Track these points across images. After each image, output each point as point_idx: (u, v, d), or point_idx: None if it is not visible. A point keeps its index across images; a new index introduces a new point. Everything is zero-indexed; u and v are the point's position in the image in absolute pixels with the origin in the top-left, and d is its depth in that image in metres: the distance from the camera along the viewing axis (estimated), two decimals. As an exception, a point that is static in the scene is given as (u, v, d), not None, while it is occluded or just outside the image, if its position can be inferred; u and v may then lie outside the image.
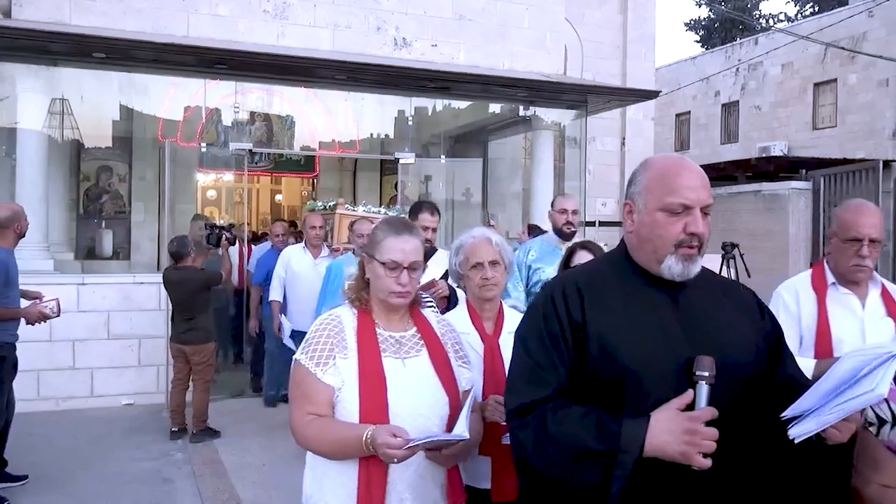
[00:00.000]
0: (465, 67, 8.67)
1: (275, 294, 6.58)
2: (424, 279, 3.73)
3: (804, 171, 10.20)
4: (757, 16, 31.41)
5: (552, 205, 4.78)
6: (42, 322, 4.86)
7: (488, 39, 9.16)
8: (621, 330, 1.65)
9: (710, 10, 31.23)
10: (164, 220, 10.06)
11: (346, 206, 6.89)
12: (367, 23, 8.64)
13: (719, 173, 13.50)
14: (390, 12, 8.73)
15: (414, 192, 10.46)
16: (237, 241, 7.96)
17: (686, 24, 33.79)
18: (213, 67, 7.68)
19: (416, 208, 4.43)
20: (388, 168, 11.78)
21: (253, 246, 8.84)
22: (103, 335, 6.95)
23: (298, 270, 6.39)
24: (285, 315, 6.44)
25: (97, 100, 7.73)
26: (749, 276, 7.36)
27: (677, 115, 23.11)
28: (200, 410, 5.99)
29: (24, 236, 5.00)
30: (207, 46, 7.45)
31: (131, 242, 10.63)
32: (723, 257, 7.28)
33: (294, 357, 2.07)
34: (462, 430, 1.92)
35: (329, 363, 2.01)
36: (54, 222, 8.62)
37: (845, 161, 11.02)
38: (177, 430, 6.00)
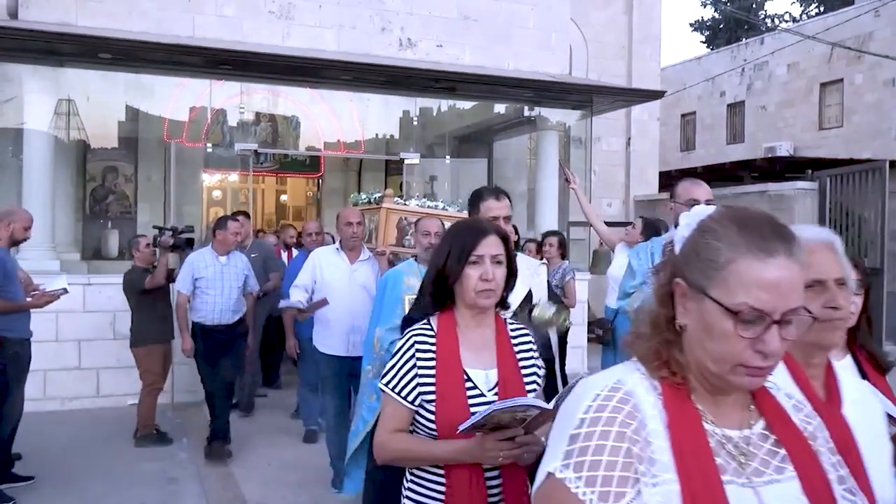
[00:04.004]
0: (471, 68, 8.67)
1: (296, 296, 5.03)
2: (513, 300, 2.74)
3: (810, 171, 10.16)
4: (762, 16, 31.32)
5: (675, 194, 3.43)
6: (53, 301, 4.90)
7: (493, 40, 9.15)
8: None
9: (716, 9, 31.16)
10: (169, 220, 10.07)
11: (395, 199, 5.63)
12: (373, 23, 8.64)
13: (725, 174, 13.48)
14: (395, 13, 8.73)
15: (419, 192, 10.47)
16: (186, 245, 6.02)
17: (691, 25, 33.74)
18: (218, 68, 7.70)
19: (476, 197, 3.17)
20: (393, 168, 11.78)
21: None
22: (109, 335, 6.97)
23: (330, 278, 4.89)
24: (313, 337, 5.14)
25: (103, 100, 7.75)
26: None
27: (683, 116, 23.05)
28: (141, 414, 5.90)
29: (21, 241, 5.01)
30: (213, 47, 7.47)
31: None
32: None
33: (547, 469, 1.10)
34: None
35: (625, 494, 1.05)
36: (60, 223, 8.65)
37: (851, 161, 10.98)
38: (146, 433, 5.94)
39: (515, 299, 2.87)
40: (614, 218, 11.81)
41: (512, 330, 2.12)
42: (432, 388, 1.94)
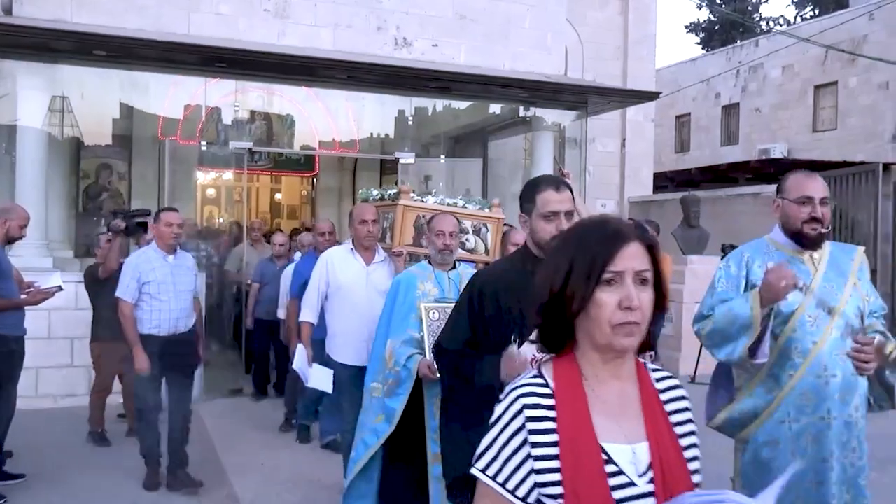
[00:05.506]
0: (466, 67, 8.67)
1: (307, 314, 4.66)
2: None
3: (804, 173, 10.21)
4: (757, 18, 31.42)
5: (783, 189, 2.79)
6: (48, 299, 4.88)
7: (489, 40, 9.15)
8: None
9: (711, 11, 31.24)
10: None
11: (412, 195, 5.23)
12: (368, 22, 8.64)
13: (719, 175, 13.52)
14: (391, 12, 8.73)
15: (415, 191, 10.46)
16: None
17: (686, 27, 33.82)
18: (214, 66, 7.69)
19: (531, 187, 2.65)
20: (388, 168, 11.77)
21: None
22: (102, 333, 6.94)
23: (345, 281, 4.51)
24: (326, 345, 4.68)
25: (97, 97, 7.74)
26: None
27: (677, 117, 23.10)
28: (89, 412, 5.82)
29: (17, 238, 4.99)
30: (209, 45, 7.45)
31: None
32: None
33: None
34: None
35: None
36: (54, 220, 8.61)
37: (845, 164, 11.04)
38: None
39: None
40: (609, 219, 11.80)
41: (657, 380, 1.46)
42: (557, 478, 1.31)
